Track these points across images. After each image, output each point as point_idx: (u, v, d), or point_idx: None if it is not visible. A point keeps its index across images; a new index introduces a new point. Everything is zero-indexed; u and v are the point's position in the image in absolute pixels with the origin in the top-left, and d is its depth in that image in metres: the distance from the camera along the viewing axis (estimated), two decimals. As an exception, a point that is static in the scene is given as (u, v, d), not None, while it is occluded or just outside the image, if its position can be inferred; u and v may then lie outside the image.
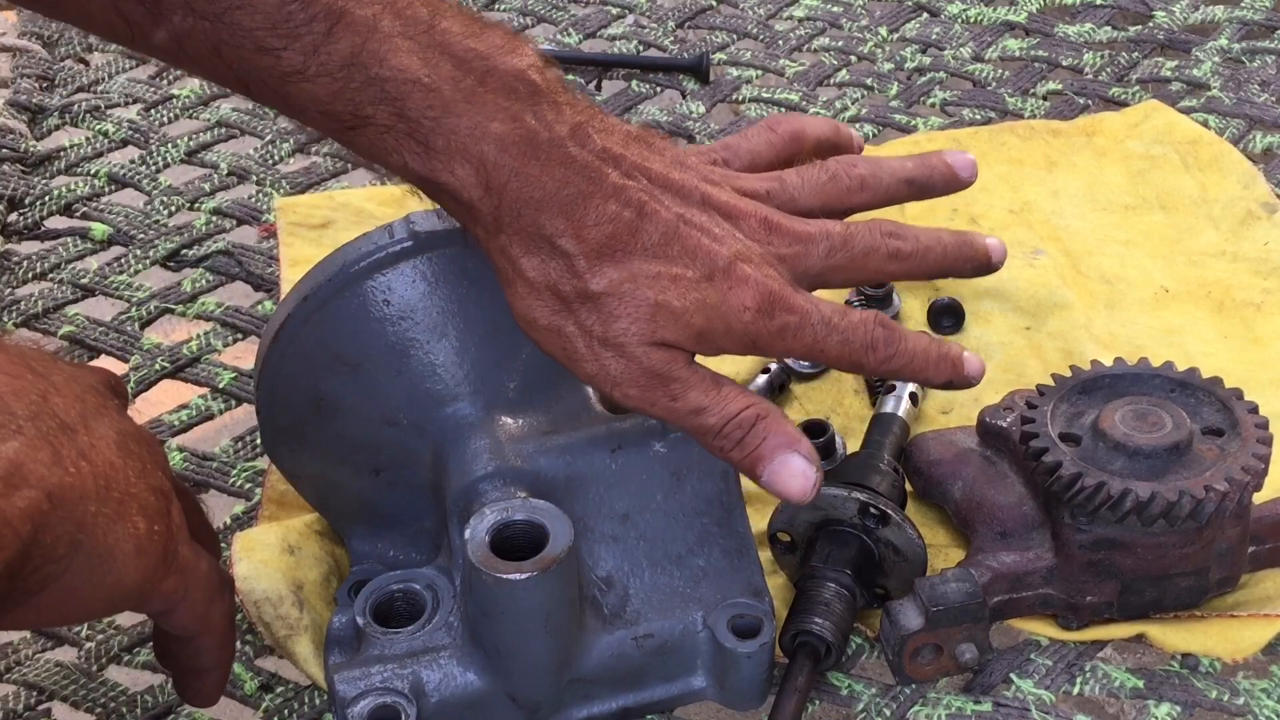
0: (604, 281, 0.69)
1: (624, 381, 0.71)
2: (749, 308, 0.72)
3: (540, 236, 0.69)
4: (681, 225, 0.71)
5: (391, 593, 0.75)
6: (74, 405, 0.60)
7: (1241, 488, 0.75)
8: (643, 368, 0.70)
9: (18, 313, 1.02)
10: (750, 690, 0.75)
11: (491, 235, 0.70)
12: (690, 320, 0.70)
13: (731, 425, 0.72)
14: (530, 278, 0.70)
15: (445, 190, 0.69)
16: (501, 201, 0.69)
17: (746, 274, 0.72)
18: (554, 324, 0.71)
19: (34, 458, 0.56)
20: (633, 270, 0.70)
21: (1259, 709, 0.76)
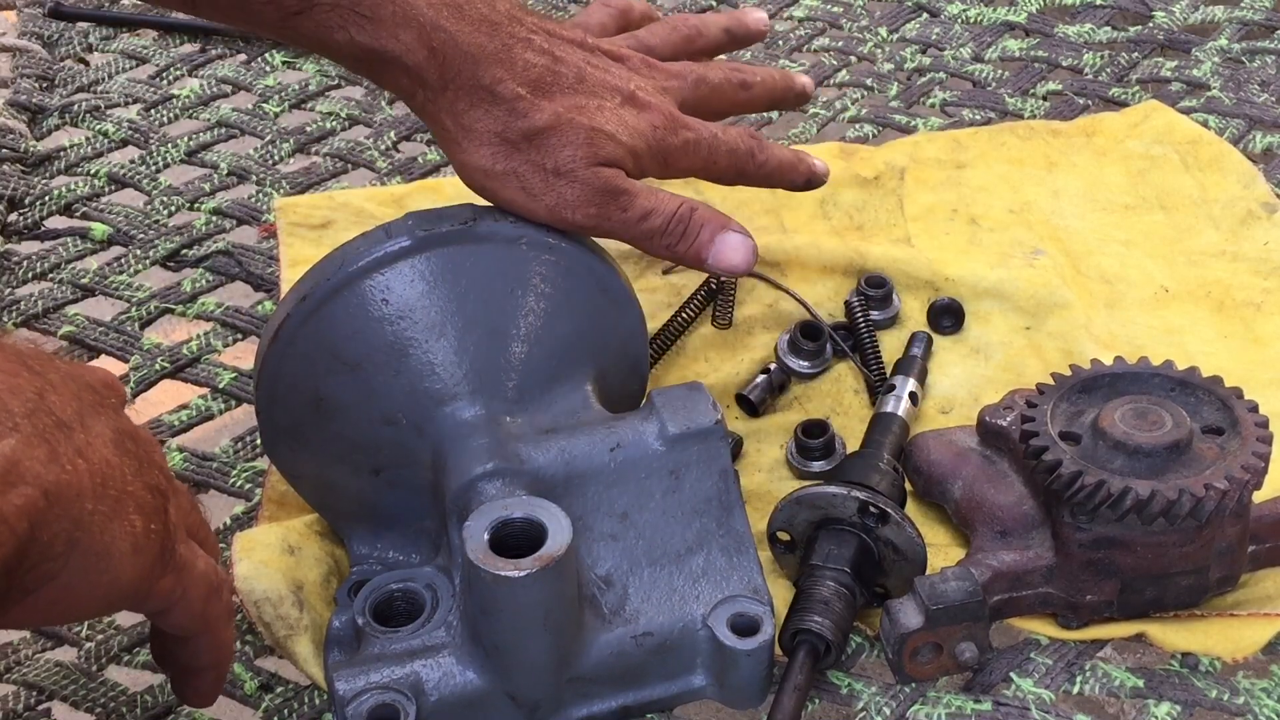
0: (545, 116, 0.77)
1: (580, 204, 0.78)
2: (658, 126, 0.81)
3: (481, 87, 0.76)
4: (586, 66, 0.80)
5: (391, 592, 0.75)
6: (70, 403, 0.60)
7: (1241, 486, 0.75)
8: (594, 188, 0.78)
9: (18, 313, 1.02)
10: (750, 688, 0.75)
11: (438, 95, 0.77)
12: (621, 139, 0.79)
13: (674, 222, 0.81)
14: (480, 129, 0.77)
15: (390, 58, 0.75)
16: (445, 61, 0.76)
17: (648, 100, 0.82)
18: (508, 168, 0.77)
19: (30, 455, 0.56)
20: (565, 103, 0.78)
21: (1259, 708, 0.76)
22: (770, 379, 0.95)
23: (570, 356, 0.79)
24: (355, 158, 1.19)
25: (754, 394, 0.95)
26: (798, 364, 0.97)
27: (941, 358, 0.98)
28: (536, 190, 0.78)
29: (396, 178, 1.17)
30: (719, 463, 0.76)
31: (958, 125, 1.21)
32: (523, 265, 0.78)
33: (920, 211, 1.11)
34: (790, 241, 1.06)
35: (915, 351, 0.96)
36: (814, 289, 1.03)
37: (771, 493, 0.87)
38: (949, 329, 1.01)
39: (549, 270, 0.79)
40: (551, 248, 0.79)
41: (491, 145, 0.77)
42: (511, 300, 0.78)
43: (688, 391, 0.78)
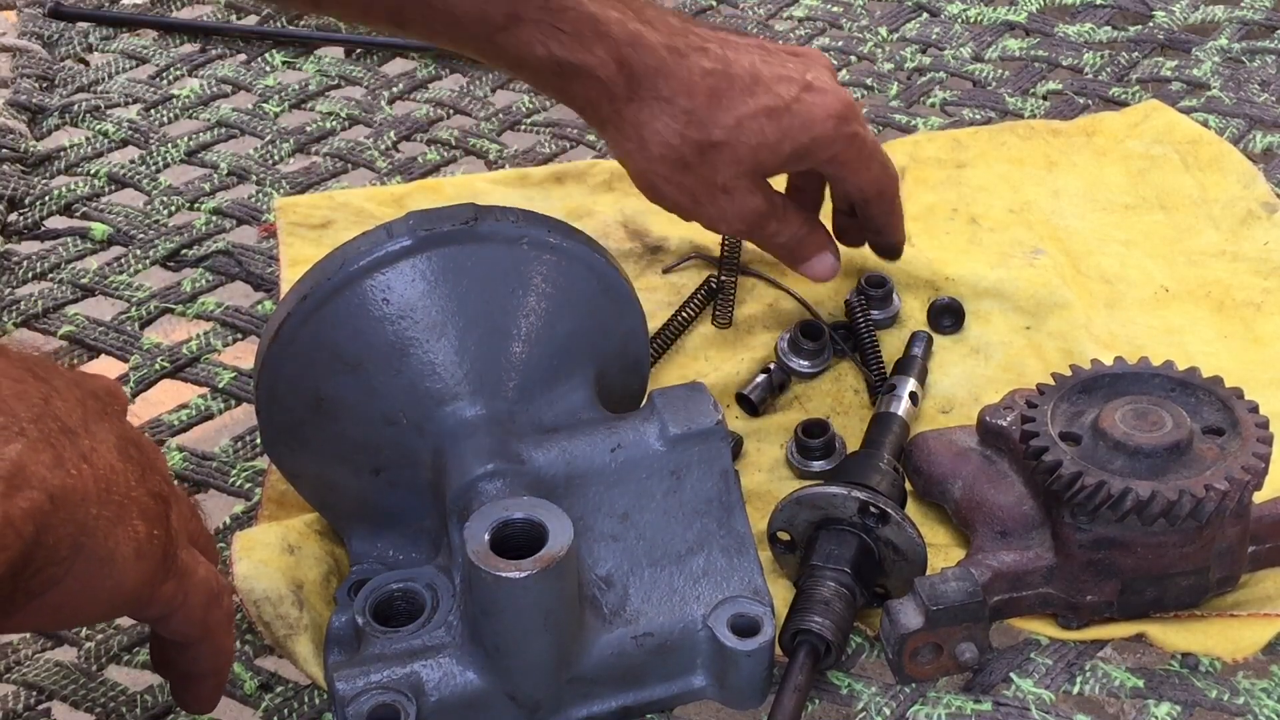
0: (718, 131, 0.82)
1: (735, 219, 0.86)
2: (831, 115, 0.85)
3: (662, 99, 0.82)
4: (761, 64, 0.84)
5: (391, 592, 0.75)
6: (75, 409, 0.60)
7: (1242, 487, 0.75)
8: (754, 209, 0.86)
9: (18, 313, 1.02)
10: (750, 689, 0.75)
11: (624, 105, 0.82)
12: (783, 149, 0.84)
13: (794, 241, 0.89)
14: (658, 139, 0.82)
15: (584, 71, 0.81)
16: (632, 74, 0.81)
17: (825, 86, 0.85)
18: (680, 179, 0.84)
19: (36, 459, 0.56)
20: (738, 115, 0.83)
21: (1259, 709, 0.76)
22: (770, 378, 0.95)
23: (571, 356, 0.79)
24: (355, 158, 1.19)
25: (754, 393, 0.95)
26: (798, 363, 0.97)
27: (941, 357, 0.98)
28: (702, 200, 0.85)
29: (396, 178, 1.17)
30: (720, 463, 0.76)
31: (958, 125, 1.21)
32: (524, 265, 0.78)
33: (920, 211, 1.10)
34: (790, 241, 1.06)
35: (915, 351, 0.96)
36: (814, 288, 1.03)
37: (772, 493, 0.87)
38: (949, 329, 1.01)
39: (550, 270, 0.79)
40: (553, 248, 0.79)
41: (667, 154, 0.83)
42: (512, 300, 0.78)
43: (688, 392, 0.78)
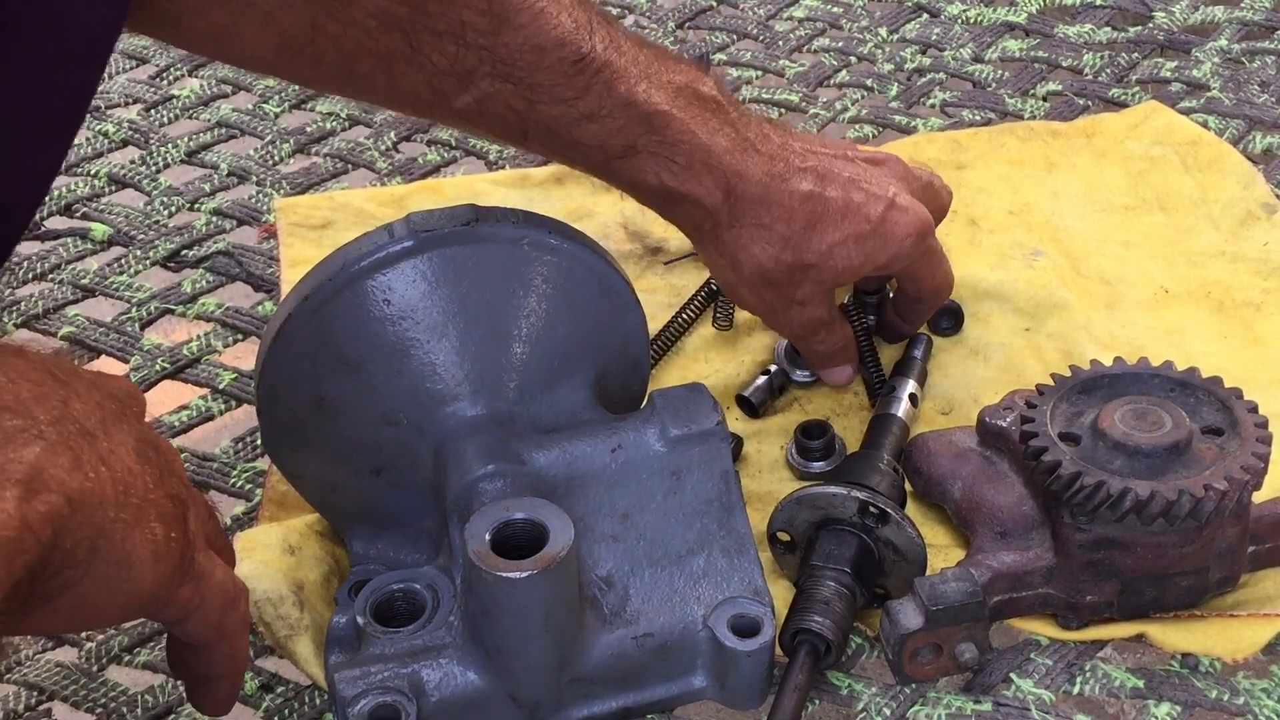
0: (812, 255, 0.86)
1: (800, 329, 0.91)
2: (911, 234, 0.87)
3: (762, 225, 0.86)
4: (849, 181, 0.87)
5: (392, 592, 0.75)
6: (94, 412, 0.60)
7: (1241, 487, 0.75)
8: (817, 319, 0.90)
9: (18, 313, 1.02)
10: (750, 689, 0.75)
11: (726, 230, 0.86)
12: (864, 268, 0.88)
13: (832, 350, 0.93)
14: (754, 261, 0.86)
15: (691, 199, 0.85)
16: (736, 201, 0.85)
17: (906, 204, 0.88)
18: (765, 295, 0.88)
19: (55, 462, 0.56)
20: (830, 241, 0.86)
21: (1259, 709, 0.76)
22: (770, 380, 0.95)
23: (571, 357, 0.79)
24: (355, 158, 1.19)
25: (754, 395, 0.95)
26: (798, 373, 0.97)
27: (941, 359, 0.98)
28: (778, 310, 0.89)
29: (396, 178, 1.17)
30: (720, 464, 0.77)
31: (957, 126, 1.21)
32: (524, 266, 0.78)
33: (920, 212, 1.10)
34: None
35: (915, 353, 0.96)
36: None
37: (772, 493, 0.87)
38: (949, 330, 1.01)
39: (551, 271, 0.79)
40: (553, 249, 0.79)
41: (756, 273, 0.87)
42: (513, 301, 0.78)
43: (689, 393, 0.78)
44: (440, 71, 0.79)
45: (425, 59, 0.79)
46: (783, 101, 1.25)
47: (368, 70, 0.80)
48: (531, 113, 0.81)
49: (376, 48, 0.78)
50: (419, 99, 0.81)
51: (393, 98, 0.83)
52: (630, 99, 0.81)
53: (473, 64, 0.79)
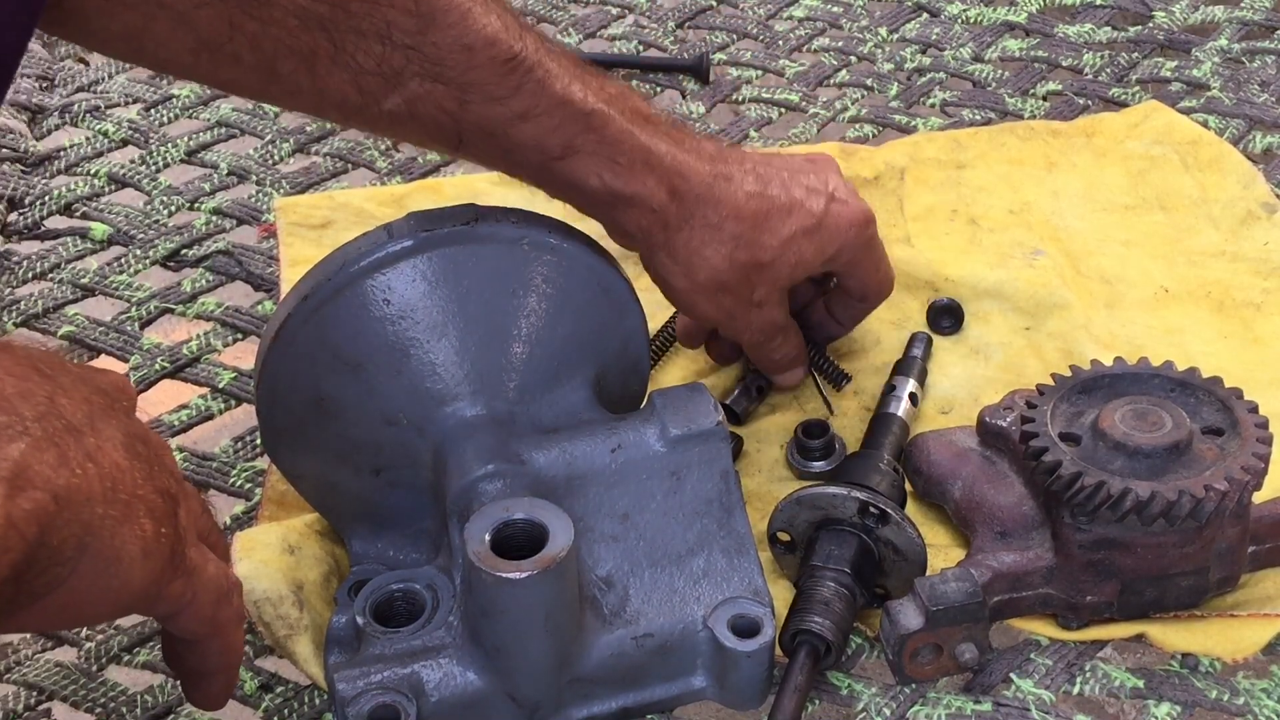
0: (766, 253, 0.86)
1: (757, 330, 0.90)
2: (855, 224, 0.88)
3: (711, 225, 0.85)
4: (792, 183, 0.87)
5: (391, 592, 0.75)
6: (81, 407, 0.60)
7: (1241, 487, 0.75)
8: (774, 322, 0.90)
9: (18, 313, 1.02)
10: (750, 690, 0.75)
11: (676, 233, 0.85)
12: (815, 263, 0.88)
13: (787, 356, 0.93)
14: (705, 264, 0.85)
15: (636, 201, 0.83)
16: (682, 202, 0.84)
17: (846, 197, 0.89)
18: (719, 301, 0.87)
19: (40, 459, 0.56)
20: (781, 236, 0.86)
21: (1259, 709, 0.76)
22: (747, 385, 0.95)
23: (571, 357, 0.79)
24: (355, 158, 1.19)
25: (737, 404, 0.94)
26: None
27: (941, 358, 0.98)
28: (737, 315, 0.88)
29: (396, 178, 1.17)
30: (720, 464, 0.76)
31: (958, 125, 1.21)
32: (524, 266, 0.78)
33: (920, 211, 1.11)
34: (790, 242, 1.06)
35: (915, 352, 0.96)
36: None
37: (772, 493, 0.87)
38: (949, 329, 1.01)
39: (550, 271, 0.79)
40: (553, 249, 0.79)
41: (712, 278, 0.86)
42: (513, 301, 0.78)
43: (689, 393, 0.78)
44: (366, 72, 0.78)
45: (350, 58, 0.77)
46: (783, 101, 1.25)
47: (290, 70, 0.78)
48: (464, 114, 0.79)
49: (298, 46, 0.77)
50: (346, 101, 0.79)
51: (319, 100, 0.80)
52: (566, 97, 0.80)
53: (400, 64, 0.78)
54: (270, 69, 0.78)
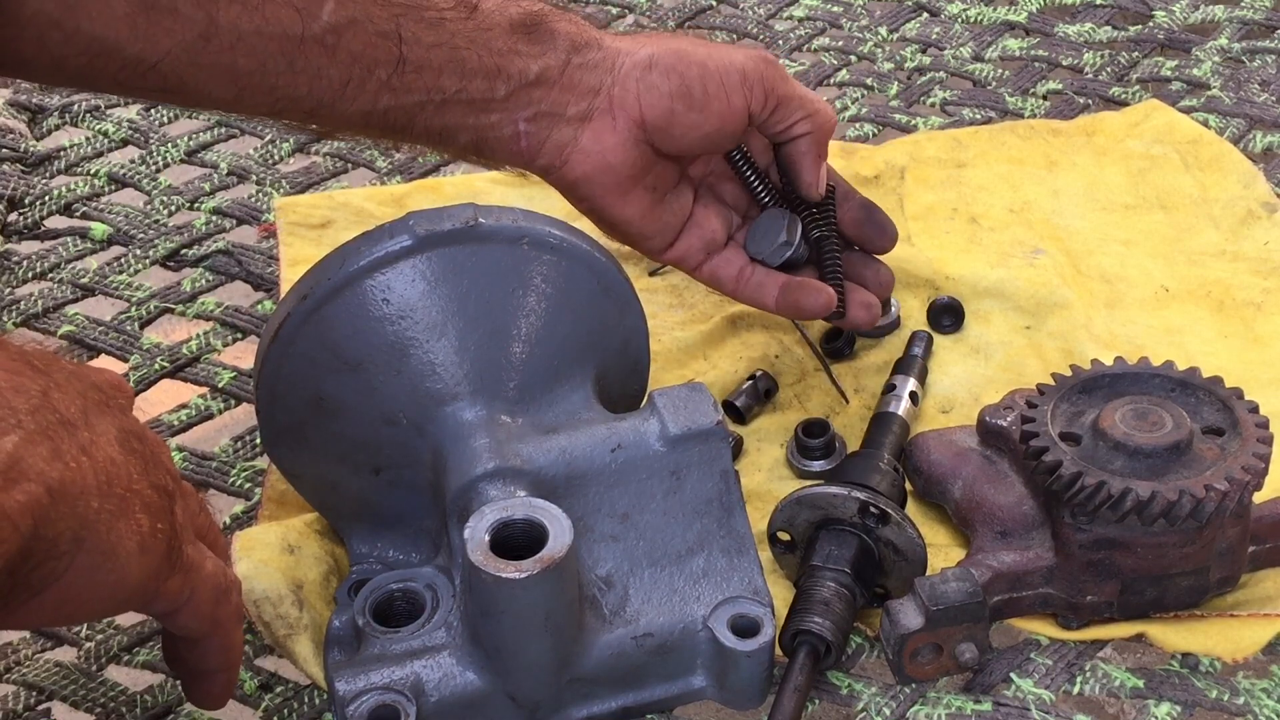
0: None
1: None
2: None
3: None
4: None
5: (391, 592, 0.75)
6: (75, 401, 0.60)
7: (1242, 487, 0.75)
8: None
9: (18, 312, 1.02)
10: (750, 689, 0.75)
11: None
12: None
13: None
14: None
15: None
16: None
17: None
18: None
19: (33, 452, 0.56)
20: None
21: (1259, 709, 0.76)
22: (756, 385, 0.95)
23: (571, 356, 0.79)
24: (355, 157, 1.19)
25: (740, 401, 0.94)
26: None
27: (942, 357, 0.98)
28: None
29: (396, 177, 1.17)
30: (720, 463, 0.76)
31: (958, 124, 1.21)
32: (524, 265, 0.78)
33: (920, 210, 1.11)
34: (790, 241, 1.06)
35: (915, 351, 0.96)
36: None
37: (772, 492, 0.87)
38: (949, 328, 1.01)
39: (550, 270, 0.79)
40: (553, 248, 0.79)
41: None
42: (513, 300, 0.78)
43: (689, 392, 0.78)
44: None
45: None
46: (783, 100, 1.25)
47: (229, 12, 0.76)
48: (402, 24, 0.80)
49: None
50: (285, 26, 0.78)
51: (260, 34, 0.78)
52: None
53: None
54: (207, 13, 0.76)
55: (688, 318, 1.02)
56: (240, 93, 0.80)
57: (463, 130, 0.86)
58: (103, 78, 0.77)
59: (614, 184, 0.88)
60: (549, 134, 0.87)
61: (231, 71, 0.79)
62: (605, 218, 0.90)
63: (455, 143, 0.87)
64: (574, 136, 0.87)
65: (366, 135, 0.89)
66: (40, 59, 0.76)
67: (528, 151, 0.87)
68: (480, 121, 0.85)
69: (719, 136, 0.89)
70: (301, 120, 0.85)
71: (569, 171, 0.88)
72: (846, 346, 0.98)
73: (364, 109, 0.82)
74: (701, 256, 0.92)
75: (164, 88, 0.79)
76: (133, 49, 0.76)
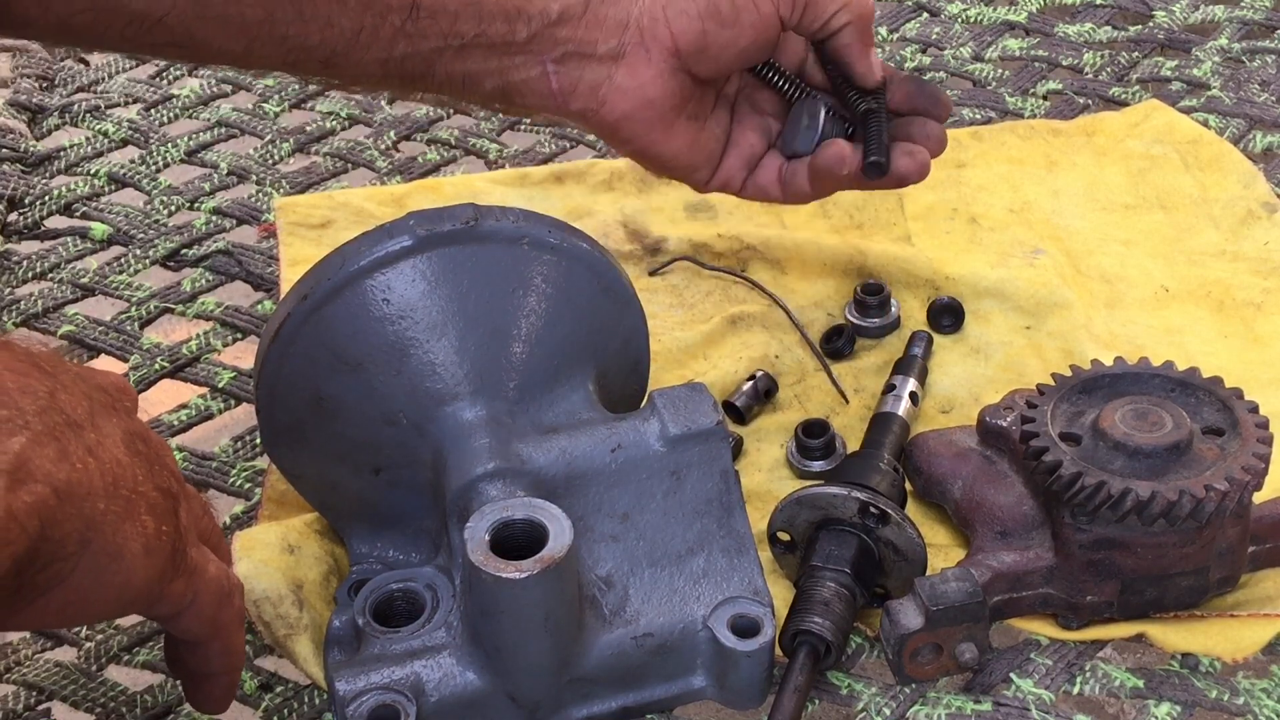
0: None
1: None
2: None
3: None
4: None
5: (391, 592, 0.75)
6: (81, 404, 0.60)
7: (1242, 487, 0.75)
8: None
9: (18, 312, 1.02)
10: (750, 689, 0.75)
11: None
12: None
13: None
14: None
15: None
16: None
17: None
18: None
19: (40, 453, 0.56)
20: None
21: (1259, 709, 0.76)
22: (756, 385, 0.95)
23: (571, 356, 0.79)
24: (355, 157, 1.19)
25: (740, 401, 0.94)
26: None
27: (941, 357, 0.98)
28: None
29: (396, 177, 1.17)
30: (720, 463, 0.76)
31: (958, 125, 1.21)
32: (524, 265, 0.78)
33: (920, 210, 1.11)
34: (790, 239, 1.06)
35: (915, 351, 0.96)
36: (814, 287, 1.03)
37: (772, 492, 0.87)
38: (949, 328, 1.01)
39: (550, 270, 0.79)
40: (553, 248, 0.79)
41: None
42: (513, 300, 0.78)
43: (689, 392, 0.78)
44: None
45: None
46: (783, 100, 1.25)
47: None
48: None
49: None
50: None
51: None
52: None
53: None
54: None
55: (688, 318, 1.02)
56: (251, 44, 0.79)
57: (486, 75, 0.84)
58: (109, 34, 0.77)
59: (657, 119, 0.86)
60: (580, 74, 0.85)
61: (240, 23, 0.78)
62: (651, 155, 0.89)
63: (480, 89, 0.85)
64: (608, 75, 0.85)
65: (386, 87, 0.87)
66: (45, 17, 0.75)
67: (559, 94, 0.85)
68: (504, 64, 0.83)
69: (754, 49, 0.87)
70: (318, 71, 0.83)
71: (608, 113, 0.86)
72: (846, 346, 0.98)
73: (380, 57, 0.81)
74: (744, 174, 0.91)
75: (172, 41, 0.78)
76: (138, 4, 0.76)
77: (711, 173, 0.91)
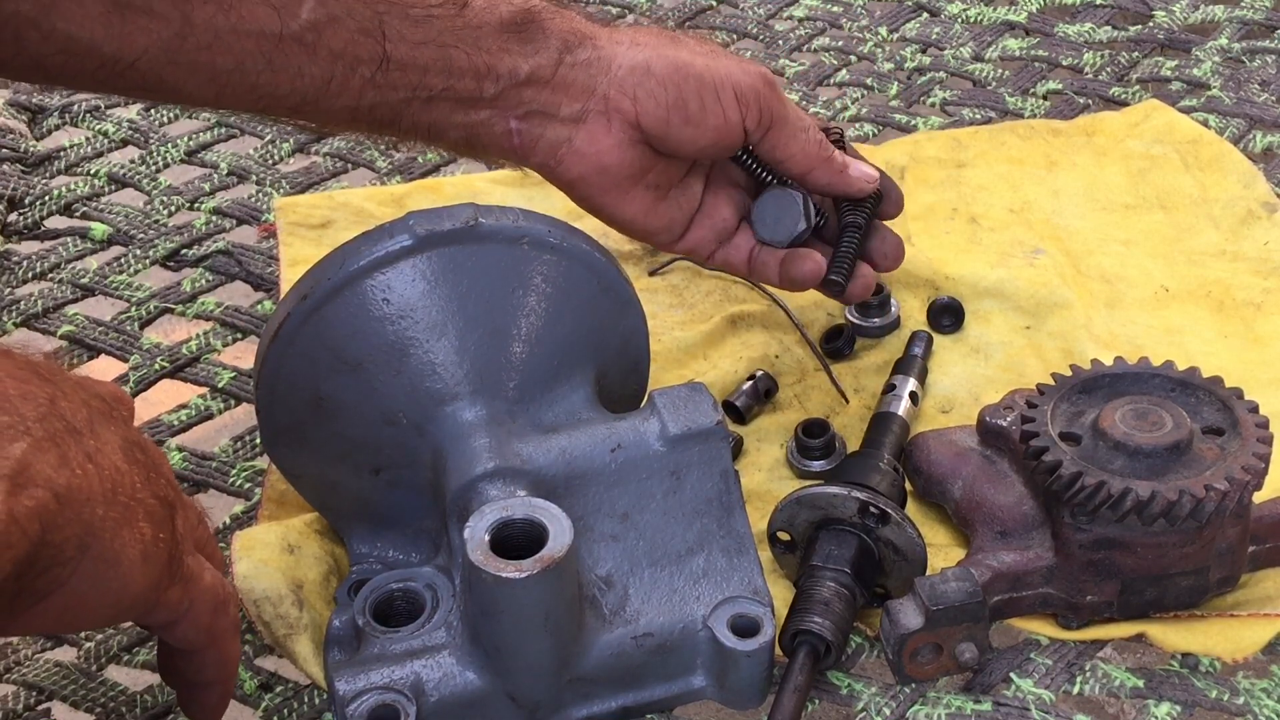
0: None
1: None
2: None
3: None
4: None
5: (391, 592, 0.75)
6: (81, 410, 0.60)
7: (1242, 487, 0.75)
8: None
9: (18, 313, 1.02)
10: (750, 689, 0.75)
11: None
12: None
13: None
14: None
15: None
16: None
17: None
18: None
19: (41, 459, 0.56)
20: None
21: (1259, 709, 0.75)
22: (756, 385, 0.95)
23: (571, 356, 0.79)
24: (355, 157, 1.19)
25: (740, 401, 0.94)
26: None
27: (941, 357, 0.98)
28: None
29: (396, 177, 1.17)
30: (720, 463, 0.76)
31: (958, 124, 1.21)
32: (524, 265, 0.78)
33: (920, 210, 1.10)
34: (790, 241, 1.06)
35: (915, 351, 0.96)
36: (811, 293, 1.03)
37: (772, 492, 0.87)
38: (949, 328, 1.01)
39: (550, 270, 0.79)
40: (553, 248, 0.79)
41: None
42: (513, 300, 0.78)
43: (689, 392, 0.78)
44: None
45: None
46: (783, 100, 1.25)
47: (205, 12, 0.75)
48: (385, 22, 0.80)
49: None
50: (263, 24, 0.77)
51: (236, 32, 0.77)
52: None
53: None
54: (184, 15, 0.75)
55: (688, 318, 1.02)
56: (221, 90, 0.80)
57: (451, 127, 0.85)
58: (81, 76, 0.77)
59: (611, 184, 0.88)
60: (542, 133, 0.86)
61: (210, 70, 0.78)
62: (605, 216, 0.90)
63: (446, 138, 0.86)
64: (568, 137, 0.86)
65: (355, 130, 0.89)
66: (18, 58, 0.75)
67: (521, 149, 0.87)
68: (469, 119, 0.85)
69: (715, 150, 0.89)
70: (288, 116, 0.84)
71: (564, 172, 0.88)
72: (846, 346, 0.98)
73: (349, 105, 0.82)
74: (713, 246, 0.92)
75: (143, 85, 0.78)
76: (109, 48, 0.75)
77: (675, 239, 0.92)
